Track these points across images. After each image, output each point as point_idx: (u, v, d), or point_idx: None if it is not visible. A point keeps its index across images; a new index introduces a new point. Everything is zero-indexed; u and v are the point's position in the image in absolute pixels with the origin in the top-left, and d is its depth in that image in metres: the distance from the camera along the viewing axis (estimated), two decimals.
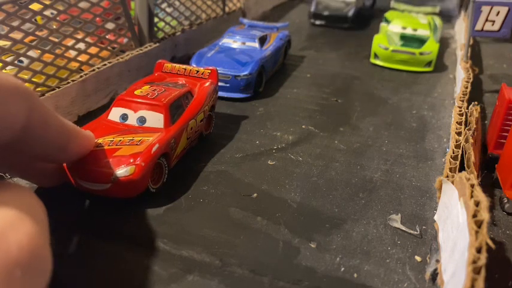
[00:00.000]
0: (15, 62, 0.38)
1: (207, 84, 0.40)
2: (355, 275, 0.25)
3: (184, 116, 0.35)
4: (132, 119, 0.33)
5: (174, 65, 0.42)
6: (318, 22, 0.75)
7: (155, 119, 0.33)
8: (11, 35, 0.37)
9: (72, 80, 0.41)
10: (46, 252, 0.19)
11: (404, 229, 0.29)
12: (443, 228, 0.26)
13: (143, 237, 0.28)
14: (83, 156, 0.29)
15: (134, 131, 0.32)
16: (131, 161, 0.29)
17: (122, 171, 0.29)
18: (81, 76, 0.42)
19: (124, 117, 0.33)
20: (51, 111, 0.25)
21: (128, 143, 0.30)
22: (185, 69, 0.41)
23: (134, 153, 0.30)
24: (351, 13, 0.73)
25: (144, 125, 0.33)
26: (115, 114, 0.34)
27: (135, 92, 0.35)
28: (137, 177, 0.29)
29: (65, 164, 0.30)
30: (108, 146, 0.30)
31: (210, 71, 0.41)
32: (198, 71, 0.41)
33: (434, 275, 0.25)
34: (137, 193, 0.30)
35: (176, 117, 0.34)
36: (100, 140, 0.30)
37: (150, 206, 0.30)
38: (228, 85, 0.47)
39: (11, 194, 0.20)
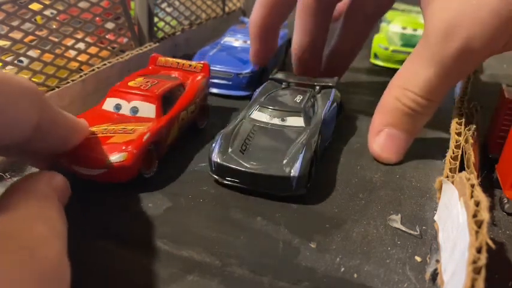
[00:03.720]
0: (15, 61, 0.38)
1: (199, 77, 0.41)
2: (355, 275, 0.25)
3: (176, 107, 0.36)
4: (126, 109, 0.35)
5: (168, 58, 0.43)
6: (228, 181, 0.32)
7: (148, 109, 0.35)
8: (10, 34, 0.37)
9: (72, 80, 0.41)
10: (67, 265, 0.20)
11: (404, 229, 0.29)
12: (443, 228, 0.26)
13: (143, 237, 0.28)
14: (77, 144, 0.30)
15: (127, 120, 0.34)
16: (124, 148, 0.30)
17: (115, 157, 0.30)
18: (80, 76, 0.42)
19: (118, 107, 0.35)
20: (58, 109, 0.26)
21: (120, 132, 0.32)
22: (178, 63, 0.43)
23: (127, 140, 0.31)
24: (295, 171, 0.30)
25: (136, 115, 0.35)
26: (109, 104, 0.35)
27: (129, 84, 0.36)
28: (129, 163, 0.30)
29: None
30: (102, 134, 0.32)
31: (202, 65, 0.42)
32: (190, 65, 0.42)
33: (435, 275, 0.25)
34: (129, 178, 0.31)
35: (168, 108, 0.36)
36: (94, 128, 0.32)
37: (150, 206, 0.30)
38: (230, 83, 0.47)
39: (38, 209, 0.21)
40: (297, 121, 0.35)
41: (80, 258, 0.26)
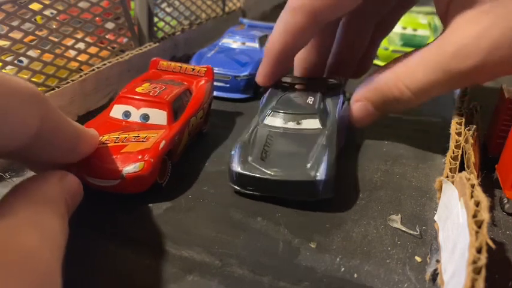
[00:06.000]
0: (15, 61, 0.38)
1: (203, 82, 0.40)
2: (355, 275, 0.25)
3: (186, 113, 0.35)
4: (135, 116, 0.34)
5: (170, 62, 0.42)
6: (250, 190, 0.31)
7: (159, 116, 0.34)
8: (10, 34, 0.37)
9: (72, 80, 0.41)
10: (57, 277, 0.19)
11: (404, 229, 0.29)
12: (443, 228, 0.26)
13: (143, 237, 0.28)
14: (89, 154, 0.29)
15: (138, 128, 0.33)
16: (139, 157, 0.29)
17: (130, 168, 0.29)
18: (80, 76, 0.42)
19: (127, 114, 0.34)
20: (62, 115, 0.25)
21: (134, 140, 0.31)
22: (181, 67, 0.42)
23: (142, 149, 0.30)
24: (321, 174, 0.30)
25: (147, 122, 0.33)
26: (117, 111, 0.34)
27: (137, 90, 0.35)
28: (146, 173, 0.29)
29: None
30: (114, 143, 0.30)
31: (205, 69, 0.41)
32: (193, 69, 0.41)
33: (435, 275, 0.25)
34: (145, 189, 0.30)
35: (178, 115, 0.35)
36: (105, 137, 0.31)
37: (150, 206, 0.30)
38: (228, 85, 0.47)
39: (34, 215, 0.20)
40: (313, 123, 0.34)
41: (79, 258, 0.26)
